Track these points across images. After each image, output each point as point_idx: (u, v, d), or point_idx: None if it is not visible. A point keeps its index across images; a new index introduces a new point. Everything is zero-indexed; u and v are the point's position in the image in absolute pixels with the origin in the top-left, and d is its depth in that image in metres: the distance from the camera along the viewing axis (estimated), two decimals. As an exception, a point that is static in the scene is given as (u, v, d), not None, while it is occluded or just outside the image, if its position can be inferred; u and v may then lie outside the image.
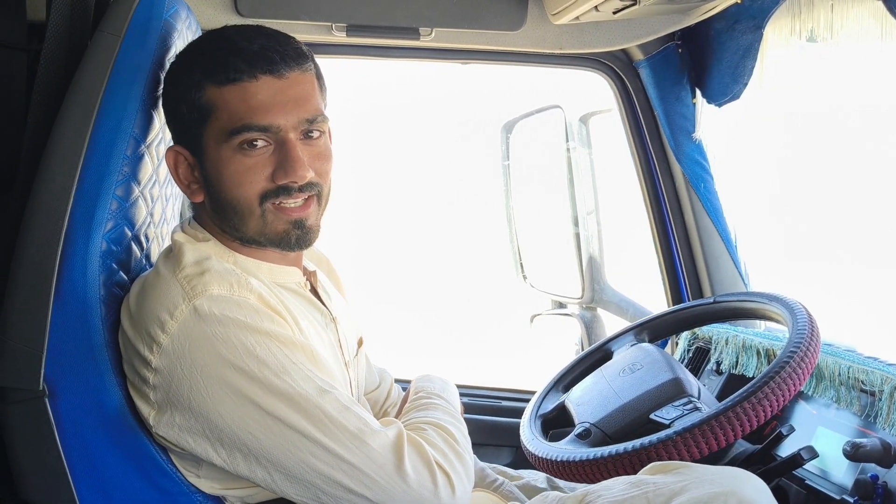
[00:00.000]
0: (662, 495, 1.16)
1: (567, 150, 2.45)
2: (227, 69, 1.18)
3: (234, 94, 1.19)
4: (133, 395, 1.19)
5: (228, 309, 1.15)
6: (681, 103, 1.99)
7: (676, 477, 1.19)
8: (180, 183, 1.27)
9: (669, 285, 2.12)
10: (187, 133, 1.24)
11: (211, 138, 1.21)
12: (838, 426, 1.46)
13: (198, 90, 1.20)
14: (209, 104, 1.20)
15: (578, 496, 1.24)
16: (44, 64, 1.32)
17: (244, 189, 1.21)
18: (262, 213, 1.22)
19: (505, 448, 2.16)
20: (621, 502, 1.18)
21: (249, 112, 1.18)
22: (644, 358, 1.60)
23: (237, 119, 1.18)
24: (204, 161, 1.23)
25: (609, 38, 1.93)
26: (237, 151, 1.20)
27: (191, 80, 1.21)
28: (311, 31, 1.91)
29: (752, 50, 1.78)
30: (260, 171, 1.20)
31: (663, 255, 2.12)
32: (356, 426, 1.14)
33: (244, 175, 1.20)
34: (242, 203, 1.22)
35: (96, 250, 1.19)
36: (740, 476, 1.18)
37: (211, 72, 1.19)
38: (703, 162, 2.02)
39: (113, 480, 1.21)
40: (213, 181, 1.23)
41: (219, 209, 1.24)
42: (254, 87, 1.19)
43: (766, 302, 1.57)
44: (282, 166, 1.20)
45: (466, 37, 1.93)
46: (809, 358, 1.35)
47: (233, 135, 1.19)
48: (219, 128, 1.20)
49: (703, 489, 1.14)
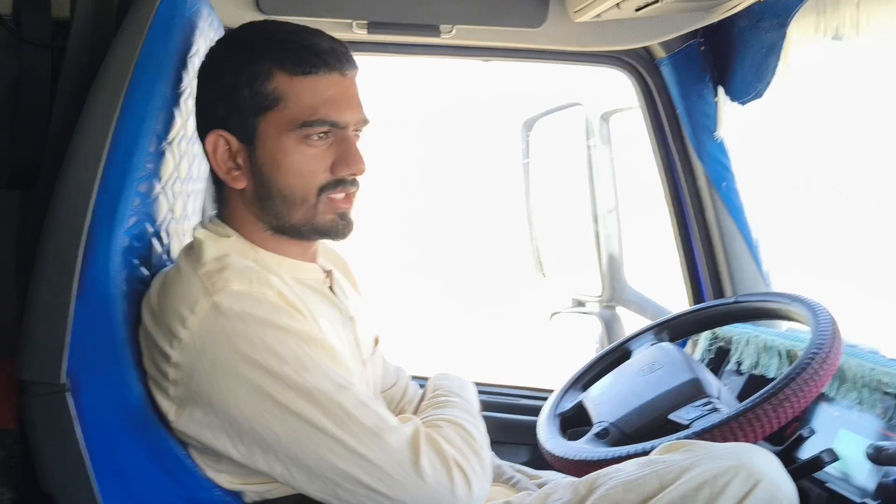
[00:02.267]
0: (672, 472, 1.17)
1: (587, 147, 2.45)
2: (300, 61, 1.21)
3: (305, 86, 1.21)
4: (153, 390, 1.20)
5: (248, 305, 1.16)
6: (703, 101, 1.97)
7: (686, 454, 1.20)
8: (218, 168, 1.26)
9: (690, 284, 2.11)
10: (240, 119, 1.23)
11: (272, 126, 1.22)
12: (861, 429, 1.44)
13: (266, 78, 1.21)
14: (277, 93, 1.21)
15: (590, 480, 1.25)
16: (68, 61, 1.34)
17: (305, 179, 1.23)
18: (315, 203, 1.24)
19: (523, 446, 2.15)
20: (632, 482, 1.19)
21: (322, 105, 1.21)
22: (664, 358, 1.59)
23: (310, 111, 1.21)
24: (257, 148, 1.23)
25: (631, 35, 1.92)
26: (301, 142, 1.22)
27: (258, 68, 1.21)
28: (332, 28, 1.90)
29: (776, 48, 1.77)
30: (320, 163, 1.23)
31: (684, 254, 2.11)
32: (373, 422, 1.14)
33: (305, 165, 1.23)
34: (298, 192, 1.24)
35: (118, 246, 1.20)
36: (750, 450, 1.19)
37: (283, 62, 1.21)
38: (725, 161, 2.00)
39: (133, 474, 1.22)
40: (267, 169, 1.24)
41: (265, 197, 1.25)
42: (325, 81, 1.22)
43: (787, 302, 1.56)
44: (344, 160, 1.23)
45: (487, 34, 1.93)
46: (831, 359, 1.34)
47: (304, 126, 1.21)
48: (286, 117, 1.21)
49: (713, 464, 1.15)
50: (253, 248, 1.28)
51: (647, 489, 1.17)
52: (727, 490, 1.13)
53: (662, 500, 1.15)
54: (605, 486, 1.21)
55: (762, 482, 1.14)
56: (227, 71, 1.24)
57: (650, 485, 1.17)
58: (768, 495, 1.13)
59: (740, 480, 1.13)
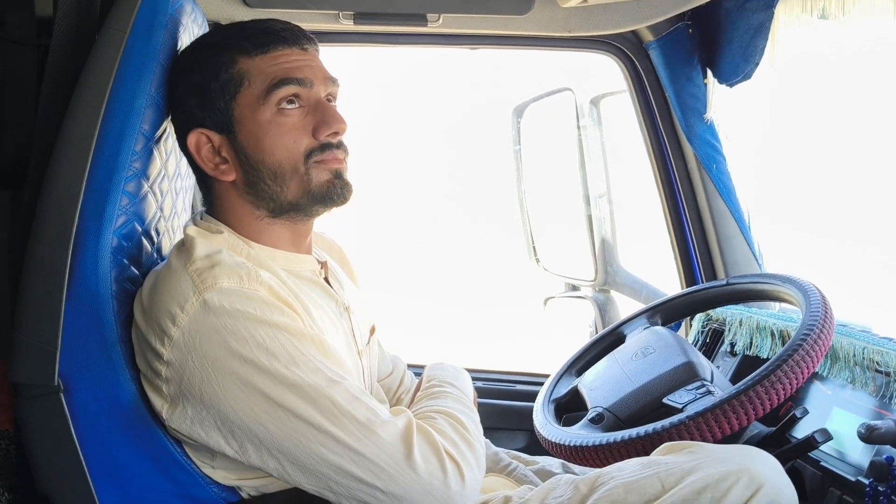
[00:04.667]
0: (674, 475, 1.17)
1: (578, 132, 2.44)
2: (258, 42, 1.26)
3: (266, 61, 1.25)
4: (146, 388, 1.20)
5: (238, 302, 1.16)
6: (692, 84, 1.96)
7: (688, 457, 1.20)
8: (205, 165, 1.27)
9: (682, 267, 2.11)
10: (215, 111, 1.25)
11: (245, 107, 1.25)
12: (854, 407, 1.45)
13: (230, 65, 1.25)
14: (241, 74, 1.25)
15: (591, 478, 1.25)
16: (51, 59, 1.32)
17: (289, 149, 1.25)
18: (305, 170, 1.26)
19: (519, 432, 2.17)
20: (634, 483, 1.19)
21: (284, 70, 1.25)
22: (657, 342, 1.59)
23: (273, 77, 1.24)
24: (237, 134, 1.25)
25: (618, 19, 1.91)
26: (276, 114, 1.24)
27: (220, 60, 1.25)
28: (319, 19, 1.90)
29: (764, 29, 1.76)
30: (301, 131, 1.26)
31: (676, 237, 2.11)
32: (365, 416, 1.15)
33: (287, 135, 1.25)
34: (286, 164, 1.25)
35: (107, 246, 1.20)
36: (752, 454, 1.19)
37: (243, 47, 1.26)
38: (715, 143, 2.00)
39: (129, 473, 1.22)
40: (251, 151, 1.25)
41: (256, 180, 1.26)
42: (285, 54, 1.26)
43: (778, 283, 1.57)
44: (324, 121, 1.26)
45: (474, 22, 1.92)
46: (823, 339, 1.34)
47: (271, 91, 1.24)
48: (254, 93, 1.24)
49: (716, 468, 1.16)
50: (245, 242, 1.28)
51: (648, 491, 1.17)
52: (729, 495, 1.13)
53: (664, 502, 1.15)
54: (606, 485, 1.21)
55: (764, 487, 1.14)
56: (194, 72, 1.27)
57: (652, 486, 1.18)
58: (769, 500, 1.14)
59: (742, 485, 1.14)
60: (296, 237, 1.34)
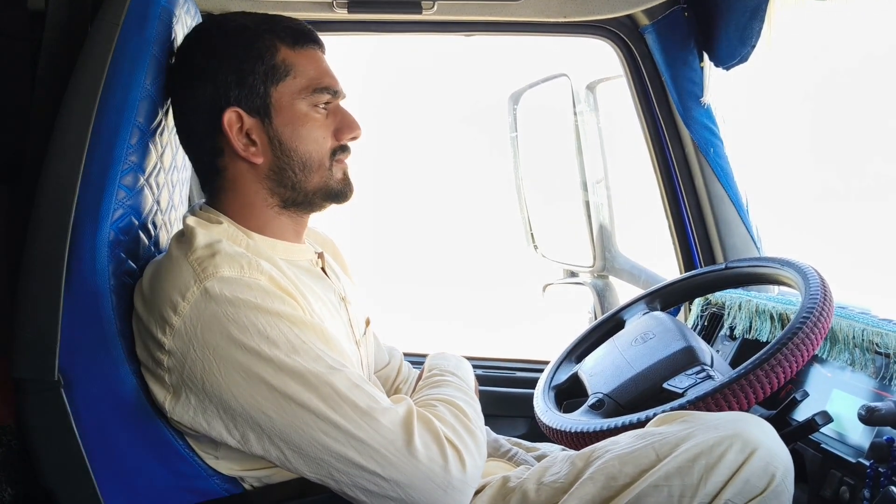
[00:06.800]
0: (668, 444, 1.18)
1: (575, 118, 2.43)
2: (297, 37, 1.30)
3: (305, 58, 1.30)
4: (148, 379, 1.20)
5: (239, 290, 1.16)
6: (688, 68, 1.96)
7: (682, 425, 1.21)
8: (236, 144, 1.28)
9: (681, 252, 2.11)
10: (253, 94, 1.27)
11: (285, 96, 1.28)
12: (854, 389, 1.45)
13: (273, 51, 1.28)
14: (286, 64, 1.28)
15: (586, 453, 1.26)
16: (44, 53, 1.32)
17: (319, 145, 1.30)
18: (329, 166, 1.32)
19: (520, 419, 2.17)
20: (629, 454, 1.20)
21: (322, 75, 1.31)
22: (656, 327, 1.59)
23: (317, 80, 1.30)
24: (273, 119, 1.28)
25: (613, 3, 1.90)
26: (311, 110, 1.30)
27: (262, 43, 1.28)
28: (313, 8, 1.89)
29: (760, 11, 1.75)
30: (327, 130, 1.32)
31: (674, 222, 2.11)
32: (366, 403, 1.15)
33: (318, 131, 1.30)
34: (315, 157, 1.30)
35: (104, 240, 1.20)
36: (745, 419, 1.20)
37: (283, 37, 1.29)
38: (713, 126, 1.99)
39: (132, 466, 1.23)
40: (287, 138, 1.29)
41: (283, 168, 1.29)
42: (317, 55, 1.33)
43: (777, 267, 1.56)
44: (347, 125, 1.32)
45: (469, 8, 1.91)
46: (823, 322, 1.34)
47: (315, 93, 1.29)
48: (299, 85, 1.29)
49: (709, 434, 1.16)
50: (245, 233, 1.29)
51: (643, 461, 1.18)
52: (723, 460, 1.14)
53: (659, 471, 1.16)
54: (601, 459, 1.22)
55: (758, 451, 1.14)
56: (235, 48, 1.28)
57: (647, 457, 1.18)
58: (764, 464, 1.14)
59: (736, 450, 1.14)
60: (297, 229, 1.36)
